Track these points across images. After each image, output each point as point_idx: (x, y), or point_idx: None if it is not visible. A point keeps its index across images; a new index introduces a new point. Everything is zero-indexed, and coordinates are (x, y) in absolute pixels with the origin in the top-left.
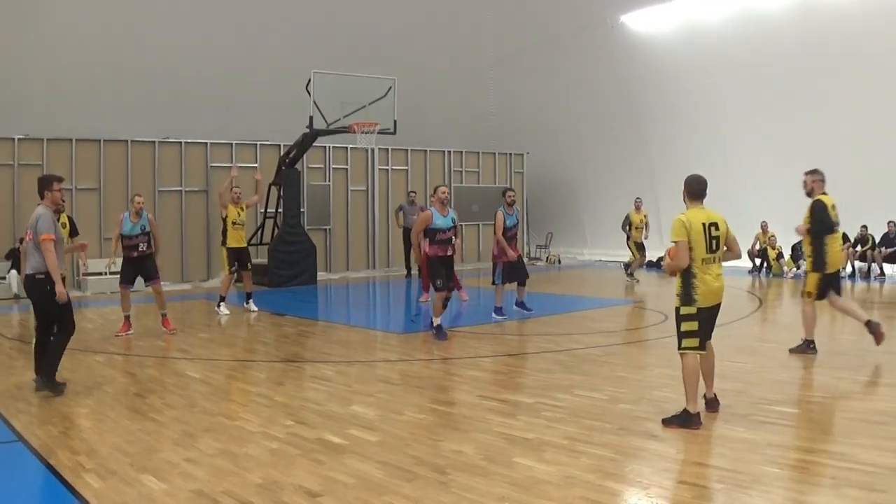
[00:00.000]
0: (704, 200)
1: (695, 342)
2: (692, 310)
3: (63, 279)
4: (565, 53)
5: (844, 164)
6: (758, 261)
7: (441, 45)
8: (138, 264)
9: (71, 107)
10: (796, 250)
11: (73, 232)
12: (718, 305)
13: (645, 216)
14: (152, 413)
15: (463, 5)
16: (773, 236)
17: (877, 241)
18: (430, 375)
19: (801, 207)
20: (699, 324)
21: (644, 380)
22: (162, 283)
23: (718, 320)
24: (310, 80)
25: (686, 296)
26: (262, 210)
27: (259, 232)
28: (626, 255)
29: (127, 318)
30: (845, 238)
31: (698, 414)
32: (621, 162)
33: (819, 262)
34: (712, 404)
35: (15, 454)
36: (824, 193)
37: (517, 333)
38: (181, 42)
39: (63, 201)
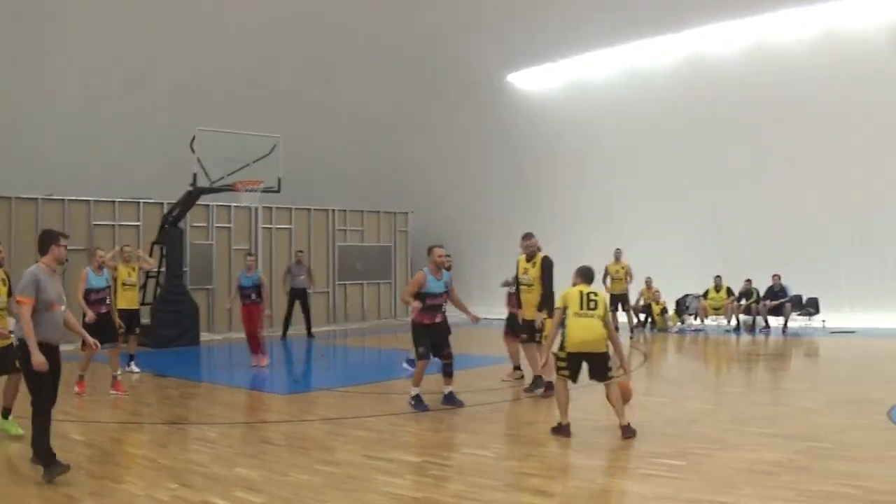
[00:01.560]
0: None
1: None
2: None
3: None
4: (452, 112)
5: (729, 219)
6: (642, 316)
7: (326, 102)
8: (104, 320)
9: None
10: (680, 305)
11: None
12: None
13: (623, 267)
14: (37, 476)
15: (345, 63)
16: (657, 291)
17: (761, 294)
18: (315, 436)
19: (686, 263)
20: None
21: (530, 436)
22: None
23: None
24: (194, 138)
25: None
26: (145, 270)
27: (142, 292)
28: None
29: (82, 377)
30: (730, 292)
31: (568, 425)
32: (507, 220)
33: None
34: (626, 431)
35: None
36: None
37: (402, 392)
38: (64, 96)
39: (67, 259)
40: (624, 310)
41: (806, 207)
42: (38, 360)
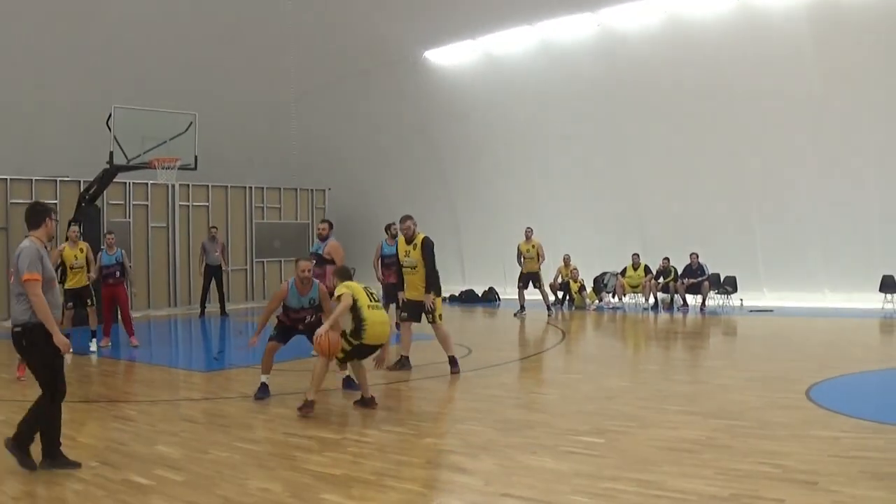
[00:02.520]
0: None
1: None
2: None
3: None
4: (368, 89)
5: (647, 197)
6: (560, 293)
7: (242, 79)
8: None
9: None
10: (598, 282)
11: None
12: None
13: (535, 245)
14: None
15: (265, 40)
16: (575, 269)
17: (679, 272)
18: (235, 413)
19: (604, 241)
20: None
21: (449, 413)
22: None
23: (524, 352)
24: (110, 115)
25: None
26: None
27: (58, 271)
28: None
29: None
30: (647, 270)
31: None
32: (424, 197)
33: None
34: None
35: None
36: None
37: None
38: None
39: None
40: (536, 287)
41: (723, 186)
42: (63, 339)
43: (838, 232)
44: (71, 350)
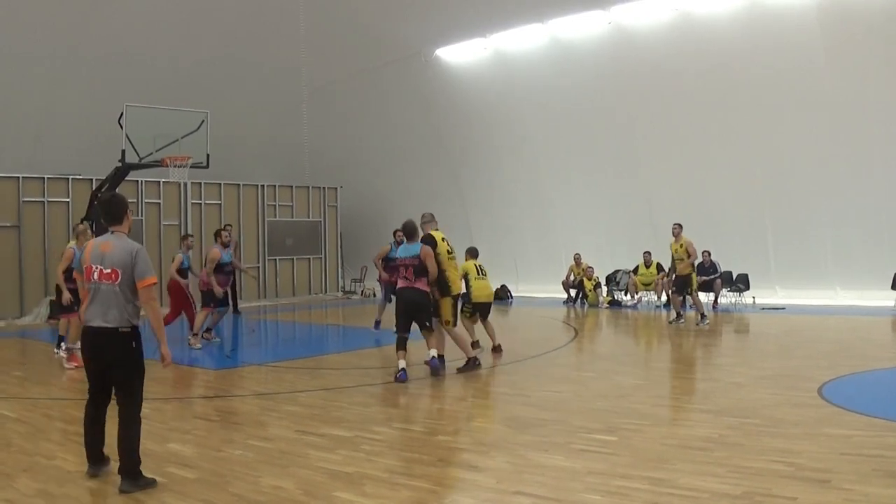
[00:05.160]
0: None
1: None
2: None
3: None
4: (380, 87)
5: (659, 194)
6: (573, 291)
7: (254, 77)
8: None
9: None
10: (611, 280)
11: None
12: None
13: (683, 244)
14: None
15: (277, 38)
16: (590, 268)
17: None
18: (248, 411)
19: (616, 239)
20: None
21: (461, 411)
22: None
23: (536, 350)
24: (122, 114)
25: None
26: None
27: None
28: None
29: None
30: (660, 268)
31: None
32: (436, 194)
33: (447, 288)
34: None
35: None
36: (436, 230)
37: (333, 367)
38: None
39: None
40: (688, 294)
41: (735, 183)
42: (168, 352)
43: (850, 230)
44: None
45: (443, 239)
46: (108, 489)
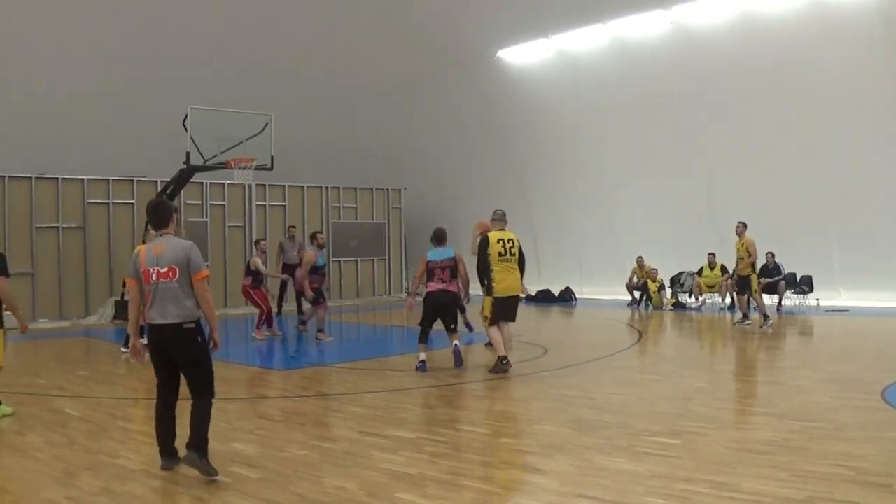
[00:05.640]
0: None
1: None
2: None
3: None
4: (443, 88)
5: (723, 196)
6: (637, 294)
7: (318, 80)
8: None
9: None
10: (675, 283)
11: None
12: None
13: (744, 243)
14: (33, 451)
15: (341, 41)
16: (653, 269)
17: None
18: (311, 412)
19: (680, 240)
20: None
21: (525, 413)
22: (41, 320)
23: (597, 353)
24: (186, 116)
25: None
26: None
27: None
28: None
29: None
30: (724, 270)
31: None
32: (500, 195)
33: (490, 288)
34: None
35: None
36: (500, 230)
37: (397, 369)
38: (57, 76)
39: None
40: (746, 294)
41: (798, 184)
42: (219, 338)
43: None
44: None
45: (498, 241)
46: (171, 487)
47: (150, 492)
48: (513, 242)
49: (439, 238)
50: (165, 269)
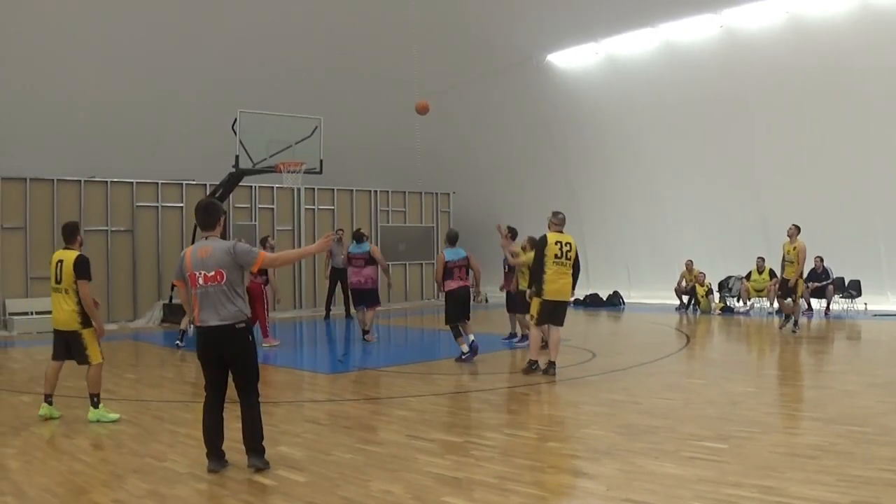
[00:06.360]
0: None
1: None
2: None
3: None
4: (492, 92)
5: (771, 200)
6: (685, 298)
7: (366, 84)
8: None
9: None
10: (723, 287)
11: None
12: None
13: (796, 247)
14: (80, 454)
15: (387, 45)
16: (701, 273)
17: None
18: (358, 415)
19: (728, 244)
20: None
21: (573, 417)
22: None
23: (645, 357)
24: (235, 120)
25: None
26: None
27: None
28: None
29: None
30: (772, 274)
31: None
32: (549, 199)
33: (539, 289)
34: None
35: None
36: (559, 232)
37: (444, 373)
38: (106, 80)
39: None
40: (790, 297)
41: (847, 188)
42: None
43: None
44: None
45: (556, 242)
46: (218, 491)
47: (197, 494)
48: (570, 246)
49: (452, 239)
50: (213, 273)
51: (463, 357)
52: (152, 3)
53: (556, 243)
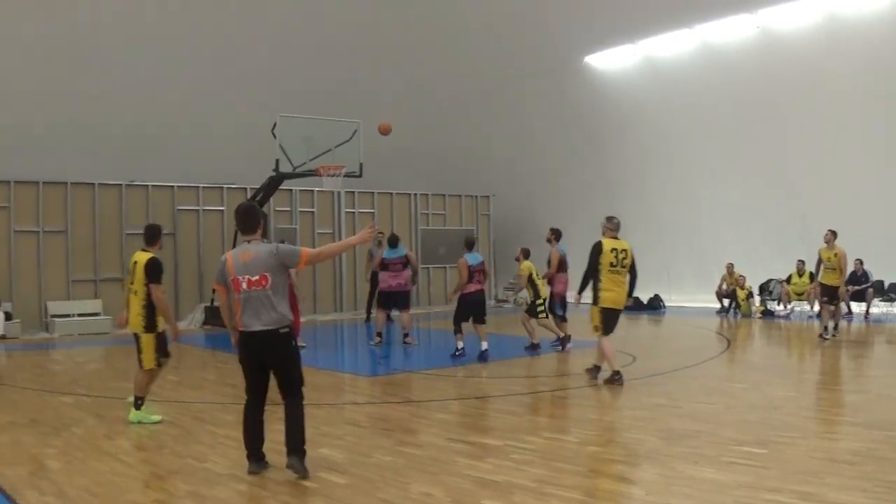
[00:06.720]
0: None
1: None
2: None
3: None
4: (530, 95)
5: (811, 202)
6: (726, 301)
7: (405, 87)
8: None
9: (37, 149)
10: (764, 290)
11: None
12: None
13: (837, 254)
14: (121, 455)
15: (427, 49)
16: (742, 277)
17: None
18: (398, 418)
19: (768, 247)
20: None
21: (613, 421)
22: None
23: (686, 361)
24: (275, 124)
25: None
26: None
27: None
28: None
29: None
30: (812, 277)
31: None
32: (588, 202)
33: (596, 297)
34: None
35: None
36: (614, 238)
37: (484, 376)
38: (147, 84)
39: None
40: (833, 304)
41: (888, 189)
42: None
43: None
44: None
45: (612, 250)
46: (258, 492)
47: (237, 495)
48: (626, 253)
49: (471, 245)
50: (257, 277)
51: (456, 354)
52: (196, 9)
53: (611, 251)
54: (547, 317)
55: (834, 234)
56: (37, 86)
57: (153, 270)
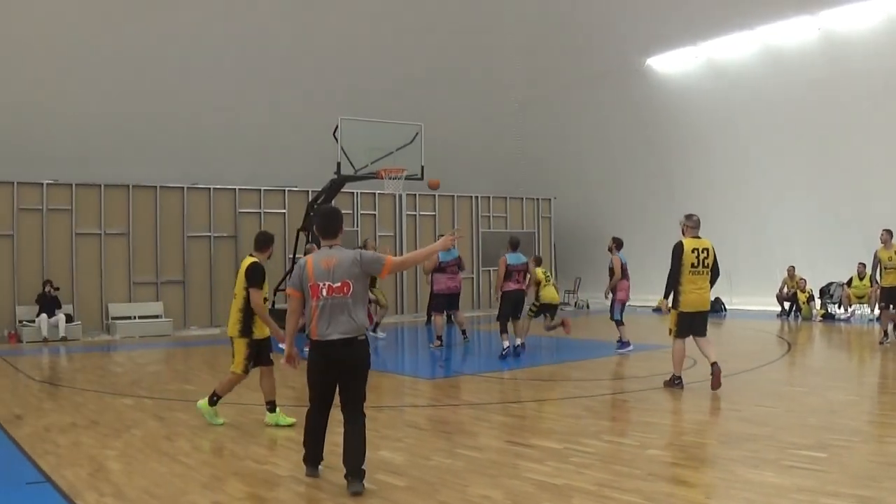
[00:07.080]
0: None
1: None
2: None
3: None
4: (592, 97)
5: (872, 204)
6: (787, 304)
7: (467, 89)
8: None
9: (100, 152)
10: (825, 294)
11: None
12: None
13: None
14: (181, 456)
15: (488, 51)
16: (802, 280)
17: None
18: (458, 420)
19: (829, 250)
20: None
21: (673, 425)
22: (192, 327)
23: (746, 364)
24: (337, 127)
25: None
26: (291, 255)
27: (287, 277)
28: (654, 299)
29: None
30: (872, 281)
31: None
32: (650, 205)
33: (675, 300)
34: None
35: (42, 495)
36: (695, 237)
37: (544, 379)
38: (210, 88)
39: None
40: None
41: None
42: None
43: None
44: None
45: (693, 250)
46: (317, 494)
47: (296, 497)
48: (707, 252)
49: (515, 245)
50: (339, 284)
51: (504, 353)
52: (256, 14)
53: (692, 251)
54: (530, 320)
55: (890, 233)
56: (100, 88)
57: (253, 275)
